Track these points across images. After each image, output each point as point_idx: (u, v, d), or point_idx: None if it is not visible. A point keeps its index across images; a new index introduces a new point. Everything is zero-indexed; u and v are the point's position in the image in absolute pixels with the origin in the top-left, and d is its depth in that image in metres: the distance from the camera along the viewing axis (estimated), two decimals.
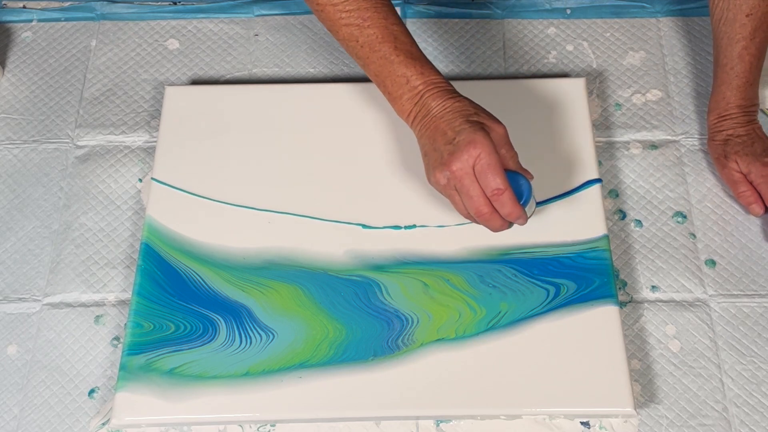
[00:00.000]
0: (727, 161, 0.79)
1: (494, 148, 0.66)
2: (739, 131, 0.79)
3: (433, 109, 0.70)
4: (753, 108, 0.80)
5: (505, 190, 0.66)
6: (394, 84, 0.71)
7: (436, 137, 0.69)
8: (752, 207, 0.79)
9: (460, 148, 0.66)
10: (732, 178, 0.79)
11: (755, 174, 0.78)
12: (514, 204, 0.67)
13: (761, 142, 0.79)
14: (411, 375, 0.70)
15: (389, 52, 0.71)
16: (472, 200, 0.67)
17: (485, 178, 0.66)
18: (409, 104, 0.71)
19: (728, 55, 0.78)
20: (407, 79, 0.71)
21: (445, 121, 0.68)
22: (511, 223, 0.70)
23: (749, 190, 0.79)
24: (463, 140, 0.66)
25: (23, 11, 0.97)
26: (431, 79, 0.71)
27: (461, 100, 0.70)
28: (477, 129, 0.67)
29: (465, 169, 0.66)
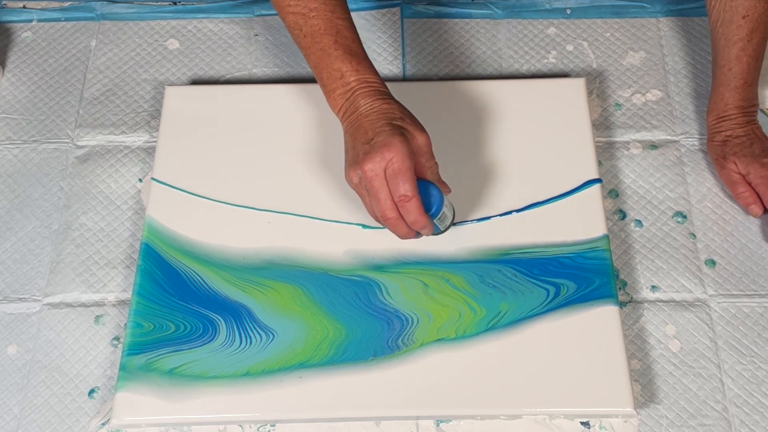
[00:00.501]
0: (726, 162, 0.79)
1: (409, 154, 0.66)
2: (738, 132, 0.79)
3: (361, 107, 0.69)
4: (752, 109, 0.80)
5: (413, 197, 0.65)
6: (329, 77, 0.71)
7: (357, 135, 0.68)
8: (751, 208, 0.79)
9: (375, 149, 0.66)
10: (731, 178, 0.79)
11: (754, 175, 0.78)
12: (420, 213, 0.66)
13: (760, 143, 0.79)
14: (411, 375, 0.70)
15: (329, 45, 0.71)
16: (380, 203, 0.66)
17: (395, 182, 0.65)
18: (341, 99, 0.71)
19: (726, 57, 0.78)
20: (342, 74, 0.70)
21: (369, 120, 0.68)
22: (419, 234, 0.70)
23: (748, 190, 0.79)
24: (380, 142, 0.66)
25: (23, 11, 0.97)
26: (365, 78, 0.70)
27: (390, 103, 0.70)
28: (395, 133, 0.66)
29: (376, 171, 0.65)
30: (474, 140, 0.82)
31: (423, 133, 0.69)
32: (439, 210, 0.69)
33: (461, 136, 0.82)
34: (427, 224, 0.67)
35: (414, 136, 0.68)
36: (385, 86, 0.71)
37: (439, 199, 0.69)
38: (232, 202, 0.79)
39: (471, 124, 0.83)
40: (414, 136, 0.68)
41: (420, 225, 0.67)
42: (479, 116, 0.83)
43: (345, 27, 0.72)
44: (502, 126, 0.83)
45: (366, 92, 0.70)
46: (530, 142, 0.82)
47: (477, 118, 0.83)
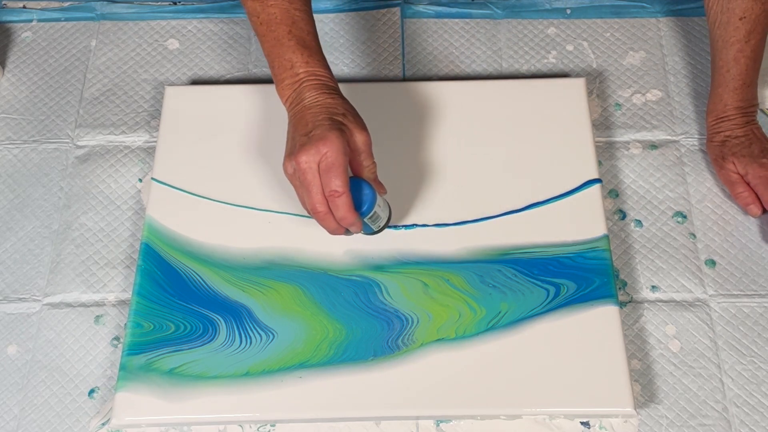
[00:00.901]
0: (725, 162, 0.79)
1: (344, 150, 0.66)
2: (737, 132, 0.79)
3: (306, 100, 0.70)
4: (751, 109, 0.80)
5: (343, 193, 0.65)
6: (279, 67, 0.71)
7: (298, 127, 0.69)
8: (750, 208, 0.79)
9: (311, 142, 0.66)
10: (729, 179, 0.80)
11: (752, 175, 0.78)
12: (349, 210, 0.66)
13: (759, 143, 0.79)
14: (411, 375, 0.70)
15: (283, 35, 0.71)
16: (310, 197, 0.66)
17: (326, 177, 0.65)
18: (288, 90, 0.71)
19: (724, 58, 0.78)
20: (292, 64, 0.71)
21: (311, 113, 0.68)
22: (348, 230, 0.70)
23: (747, 191, 0.79)
24: (316, 135, 0.66)
25: (23, 11, 0.97)
26: (314, 71, 0.71)
27: (335, 98, 0.70)
28: (333, 128, 0.66)
29: (310, 163, 0.65)
30: (474, 140, 0.82)
31: (363, 131, 0.69)
32: (370, 209, 0.69)
33: (461, 136, 0.82)
34: (355, 222, 0.67)
35: (353, 134, 0.68)
36: (333, 81, 0.72)
37: (371, 198, 0.69)
38: (232, 202, 0.79)
39: (471, 124, 0.83)
40: (353, 133, 0.68)
41: (348, 222, 0.67)
42: (479, 116, 0.83)
43: (301, 18, 0.72)
44: (502, 126, 0.83)
45: (313, 85, 0.70)
46: (530, 142, 0.82)
47: (477, 118, 0.83)
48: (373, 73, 0.91)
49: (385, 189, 0.72)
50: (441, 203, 0.78)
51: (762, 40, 0.77)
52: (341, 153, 0.65)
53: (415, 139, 0.82)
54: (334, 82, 0.72)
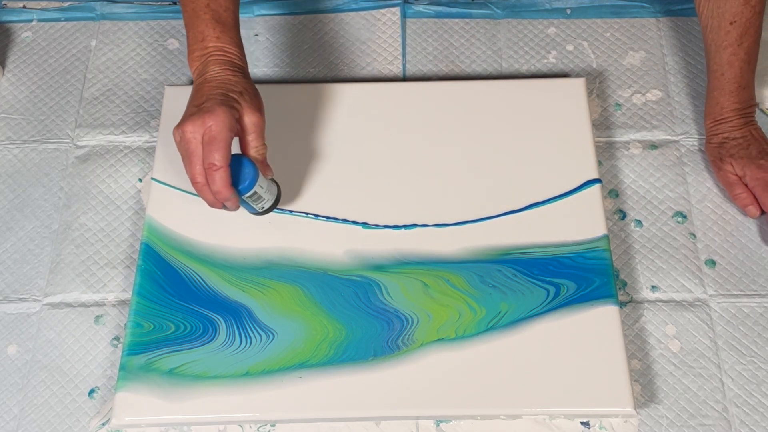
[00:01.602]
0: (723, 164, 0.79)
1: (229, 126, 0.66)
2: (735, 134, 0.79)
3: (208, 73, 0.70)
4: (748, 110, 0.80)
5: (220, 168, 0.66)
6: (193, 38, 0.72)
7: (194, 97, 0.69)
8: (748, 209, 0.79)
9: (199, 113, 0.66)
10: (728, 180, 0.80)
11: (750, 177, 0.78)
12: (224, 185, 0.66)
13: (757, 145, 0.79)
14: (411, 375, 0.70)
15: (200, 8, 0.72)
16: (190, 167, 0.67)
17: (207, 149, 0.66)
18: (197, 62, 0.72)
19: (718, 62, 0.78)
20: (203, 37, 0.71)
21: (210, 86, 0.69)
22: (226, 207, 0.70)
23: (745, 192, 0.79)
24: (206, 108, 0.67)
25: (23, 11, 0.97)
26: (224, 46, 0.71)
27: (237, 76, 0.70)
28: (224, 103, 0.67)
29: (195, 134, 0.66)
30: (474, 140, 0.82)
31: (256, 112, 0.70)
32: (250, 188, 0.69)
33: (461, 136, 0.82)
34: (230, 198, 0.68)
35: (246, 114, 0.69)
36: (241, 60, 0.72)
37: (252, 177, 0.69)
38: None
39: (471, 124, 0.83)
40: (246, 113, 0.69)
41: (223, 196, 0.67)
42: (479, 116, 0.83)
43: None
44: (502, 126, 0.83)
45: (218, 59, 0.71)
46: (530, 142, 0.82)
47: (477, 118, 0.83)
48: (373, 73, 0.91)
49: (271, 171, 0.73)
50: (441, 203, 0.78)
51: (755, 43, 0.77)
52: (226, 128, 0.66)
53: (415, 139, 0.82)
54: (242, 62, 0.72)
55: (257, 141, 0.70)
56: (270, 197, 0.73)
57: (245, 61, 0.73)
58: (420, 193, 0.79)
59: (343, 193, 0.79)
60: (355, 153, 0.82)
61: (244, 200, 0.71)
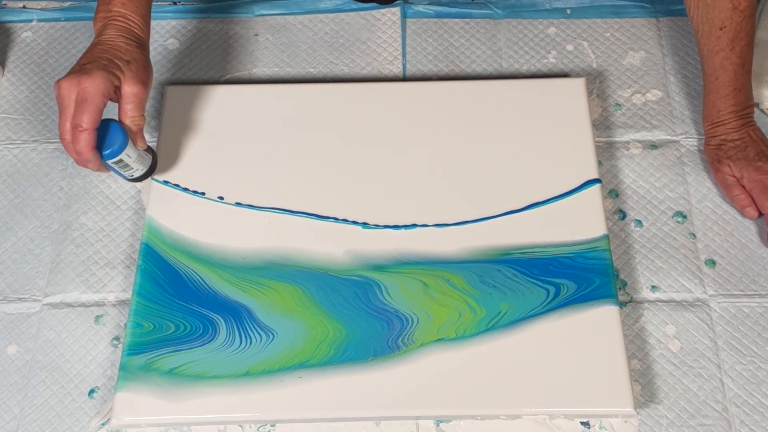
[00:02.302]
0: (721, 165, 0.80)
1: (104, 92, 0.67)
2: (733, 136, 0.79)
3: (104, 36, 0.71)
4: (746, 111, 0.80)
5: (85, 130, 0.67)
6: (101, 2, 0.73)
7: (83, 57, 0.70)
8: (746, 210, 0.79)
9: (79, 72, 0.67)
10: (726, 181, 0.80)
11: (748, 179, 0.78)
12: (87, 147, 0.67)
13: (755, 146, 0.79)
14: (411, 375, 0.70)
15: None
16: (61, 123, 0.68)
17: (78, 110, 0.67)
18: (99, 23, 0.73)
19: (711, 66, 0.78)
20: (110, 1, 0.72)
21: (99, 49, 0.70)
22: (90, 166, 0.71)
23: (743, 193, 0.79)
24: (87, 69, 0.68)
25: (23, 11, 0.97)
26: (127, 14, 0.72)
27: (130, 45, 0.71)
28: (104, 68, 0.68)
29: (70, 91, 0.67)
30: (474, 140, 0.82)
31: (138, 84, 0.70)
32: (115, 155, 0.70)
33: (461, 136, 0.82)
34: (91, 161, 0.69)
35: (127, 83, 0.69)
36: (142, 31, 0.73)
37: (119, 144, 0.70)
38: (232, 202, 0.79)
39: (471, 123, 0.83)
40: (127, 82, 0.69)
41: (84, 158, 0.68)
42: (479, 116, 0.83)
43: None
44: (502, 126, 0.83)
45: (117, 25, 0.72)
46: (530, 142, 0.82)
47: (477, 118, 0.83)
48: (373, 73, 0.91)
49: (144, 142, 0.73)
50: (441, 203, 0.78)
51: (748, 46, 0.77)
52: (99, 93, 0.67)
53: (415, 139, 0.82)
54: (143, 32, 0.73)
55: (135, 111, 0.71)
56: (141, 167, 0.74)
57: (147, 33, 0.74)
58: (420, 193, 0.79)
59: (343, 193, 0.79)
60: (355, 153, 0.82)
61: (110, 165, 0.72)
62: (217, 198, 0.80)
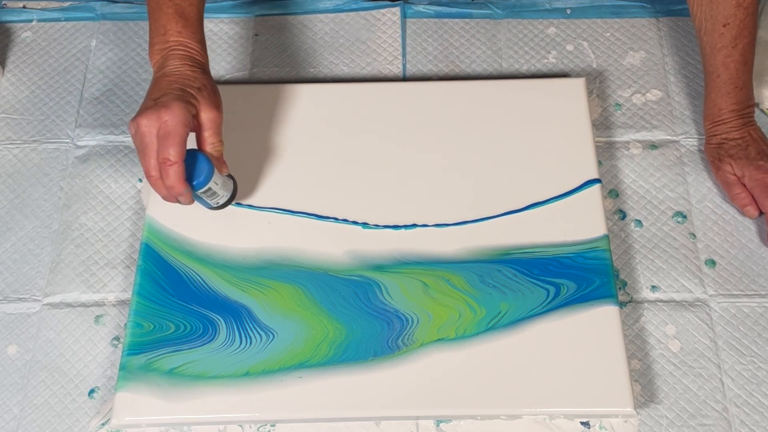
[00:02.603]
0: (722, 164, 0.80)
1: (185, 122, 0.66)
2: (734, 135, 0.80)
3: (168, 67, 0.70)
4: (747, 111, 0.80)
5: (175, 163, 0.66)
6: (154, 31, 0.72)
7: (152, 91, 0.69)
8: (747, 209, 0.79)
9: (156, 107, 0.66)
10: (726, 180, 0.80)
11: (749, 177, 0.78)
12: (178, 180, 0.66)
13: (756, 145, 0.79)
14: (411, 375, 0.70)
15: (164, 1, 0.72)
16: (146, 161, 0.67)
17: (163, 144, 0.66)
18: (157, 55, 0.72)
19: (713, 64, 0.78)
20: (165, 30, 0.71)
21: (168, 81, 0.69)
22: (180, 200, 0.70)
23: (743, 192, 0.79)
24: (162, 102, 0.67)
25: (23, 11, 0.97)
26: (185, 42, 0.71)
27: (196, 72, 0.70)
28: (180, 99, 0.67)
29: (150, 128, 0.66)
30: (474, 140, 0.82)
31: (213, 109, 0.69)
32: (204, 184, 0.69)
33: (461, 136, 0.82)
34: (183, 193, 0.68)
35: (203, 110, 0.69)
36: (202, 57, 0.72)
37: (207, 173, 0.69)
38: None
39: (471, 124, 0.83)
40: (203, 109, 0.69)
41: (176, 192, 0.67)
42: (479, 116, 0.83)
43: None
44: (502, 126, 0.83)
45: (179, 54, 0.71)
46: (530, 142, 0.82)
47: (477, 118, 0.83)
48: (373, 73, 0.91)
49: (227, 168, 0.73)
50: (441, 203, 0.78)
51: (750, 43, 0.77)
52: (181, 124, 0.66)
53: (415, 139, 0.82)
54: (203, 58, 0.72)
55: (214, 138, 0.70)
56: (225, 193, 0.73)
57: (206, 58, 0.73)
58: (420, 193, 0.79)
59: (343, 193, 0.79)
60: (355, 153, 0.82)
61: (198, 196, 0.71)
62: None
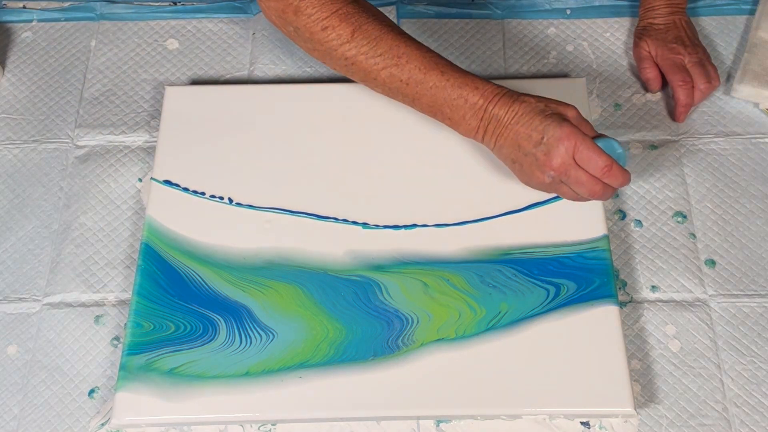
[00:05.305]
0: (640, 42, 0.87)
1: (582, 132, 0.68)
2: (659, 21, 0.87)
3: (503, 118, 0.70)
4: (678, 0, 0.87)
5: (612, 164, 0.68)
6: (452, 108, 0.72)
7: (520, 143, 0.70)
8: (650, 82, 0.86)
9: (553, 145, 0.68)
10: (640, 55, 0.87)
11: (661, 57, 0.85)
12: (623, 172, 0.69)
13: (675, 31, 0.86)
14: (411, 375, 0.70)
15: (437, 80, 0.71)
16: (584, 186, 0.69)
17: (589, 162, 0.68)
18: (474, 121, 0.72)
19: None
20: (465, 99, 0.71)
21: (522, 124, 0.70)
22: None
23: (651, 68, 0.86)
24: (552, 137, 0.68)
25: (23, 11, 0.97)
26: (488, 90, 0.71)
27: (526, 100, 0.71)
28: (560, 121, 0.68)
29: (567, 161, 0.68)
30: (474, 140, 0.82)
31: (569, 107, 0.71)
32: (624, 154, 0.71)
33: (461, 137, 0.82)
34: (629, 175, 0.70)
35: (568, 115, 0.70)
36: (505, 87, 0.72)
37: (618, 146, 0.71)
38: (232, 202, 0.79)
39: None
40: (568, 114, 0.70)
41: (627, 179, 0.70)
42: None
43: (438, 57, 0.73)
44: None
45: (498, 102, 0.71)
46: None
47: None
48: None
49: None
50: (441, 203, 0.78)
51: None
52: (584, 135, 0.68)
53: (414, 139, 0.82)
54: (506, 88, 0.72)
55: (588, 125, 0.71)
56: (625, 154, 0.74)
57: (501, 86, 0.72)
58: (420, 193, 0.79)
59: (343, 193, 0.79)
60: (355, 153, 0.82)
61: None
62: (217, 198, 0.80)
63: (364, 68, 0.73)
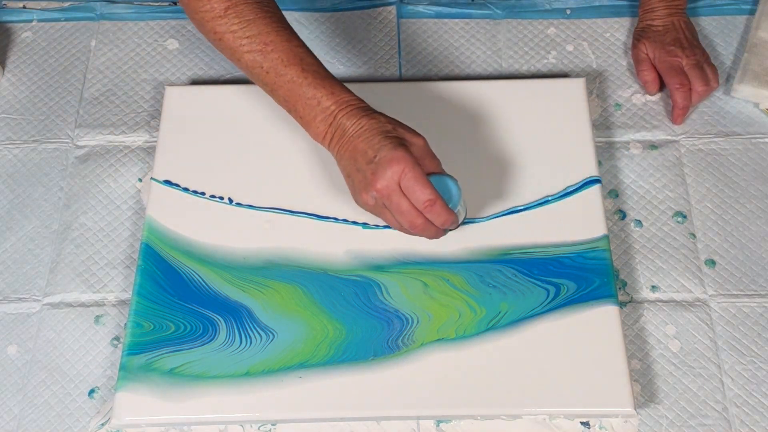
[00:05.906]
0: (638, 44, 0.87)
1: (416, 161, 0.66)
2: (657, 22, 0.87)
3: (349, 129, 0.69)
4: (677, 1, 0.87)
5: (436, 199, 0.65)
6: (305, 107, 0.70)
7: (356, 157, 0.68)
8: (648, 84, 0.87)
9: (382, 165, 0.65)
10: (638, 57, 0.87)
11: (658, 59, 0.85)
12: (447, 211, 0.66)
13: (674, 34, 0.86)
14: (411, 375, 0.70)
15: (297, 75, 0.70)
16: (404, 215, 0.66)
17: (413, 192, 0.65)
18: (323, 126, 0.70)
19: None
20: (318, 100, 0.69)
21: (363, 139, 0.67)
22: (446, 230, 0.70)
23: (649, 70, 0.86)
24: (384, 157, 0.66)
25: (23, 11, 0.97)
26: (343, 98, 0.70)
27: (376, 117, 0.69)
28: (396, 145, 0.66)
29: (391, 186, 0.65)
30: (474, 141, 0.82)
31: (418, 136, 0.69)
32: (459, 198, 0.69)
33: (461, 137, 0.82)
34: (455, 218, 0.68)
35: (412, 143, 0.68)
36: (363, 101, 0.71)
37: (456, 188, 0.69)
38: (232, 202, 0.79)
39: (471, 124, 0.83)
40: (412, 143, 0.68)
41: (450, 221, 0.67)
42: (479, 116, 0.83)
43: (306, 53, 0.71)
44: (502, 126, 0.83)
45: (348, 112, 0.69)
46: (530, 142, 0.82)
47: (477, 119, 0.83)
48: (370, 72, 0.91)
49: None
50: None
51: None
52: (416, 164, 0.65)
53: None
54: (364, 102, 0.71)
55: (433, 161, 0.69)
56: (464, 210, 0.72)
57: (364, 101, 0.71)
58: None
59: (343, 193, 0.79)
60: None
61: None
62: (217, 198, 0.80)
63: (230, 47, 0.71)
